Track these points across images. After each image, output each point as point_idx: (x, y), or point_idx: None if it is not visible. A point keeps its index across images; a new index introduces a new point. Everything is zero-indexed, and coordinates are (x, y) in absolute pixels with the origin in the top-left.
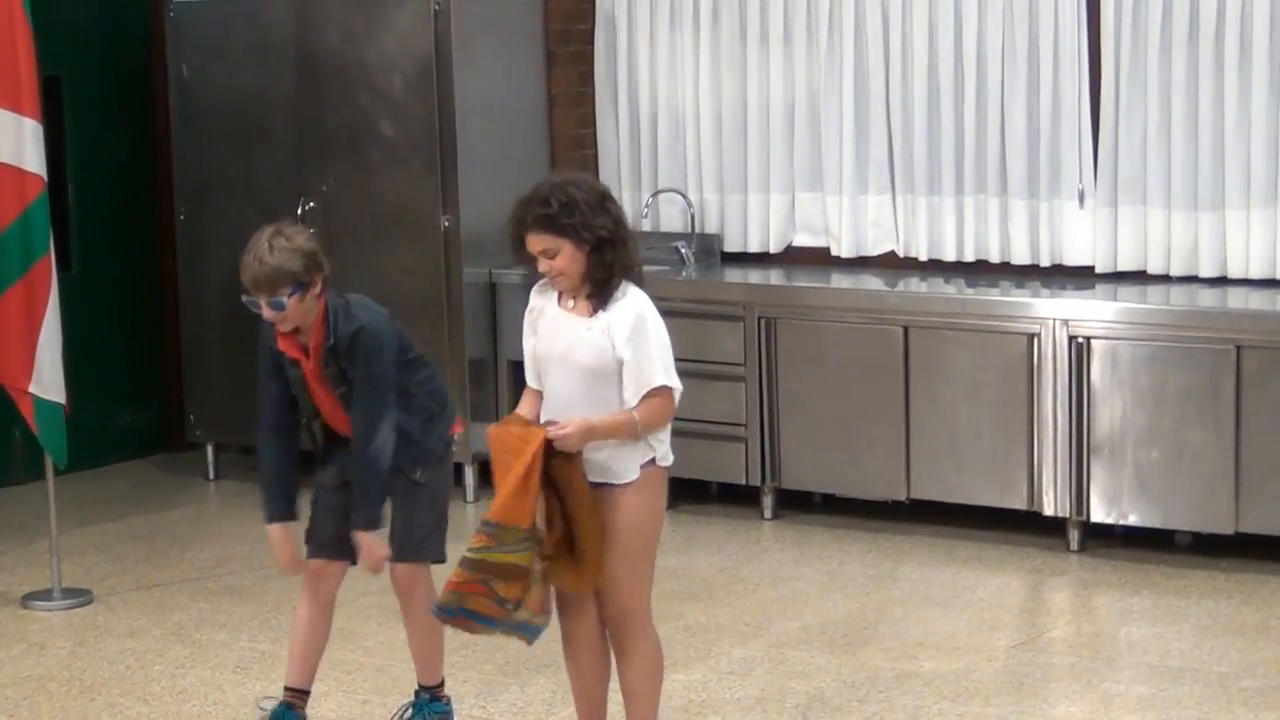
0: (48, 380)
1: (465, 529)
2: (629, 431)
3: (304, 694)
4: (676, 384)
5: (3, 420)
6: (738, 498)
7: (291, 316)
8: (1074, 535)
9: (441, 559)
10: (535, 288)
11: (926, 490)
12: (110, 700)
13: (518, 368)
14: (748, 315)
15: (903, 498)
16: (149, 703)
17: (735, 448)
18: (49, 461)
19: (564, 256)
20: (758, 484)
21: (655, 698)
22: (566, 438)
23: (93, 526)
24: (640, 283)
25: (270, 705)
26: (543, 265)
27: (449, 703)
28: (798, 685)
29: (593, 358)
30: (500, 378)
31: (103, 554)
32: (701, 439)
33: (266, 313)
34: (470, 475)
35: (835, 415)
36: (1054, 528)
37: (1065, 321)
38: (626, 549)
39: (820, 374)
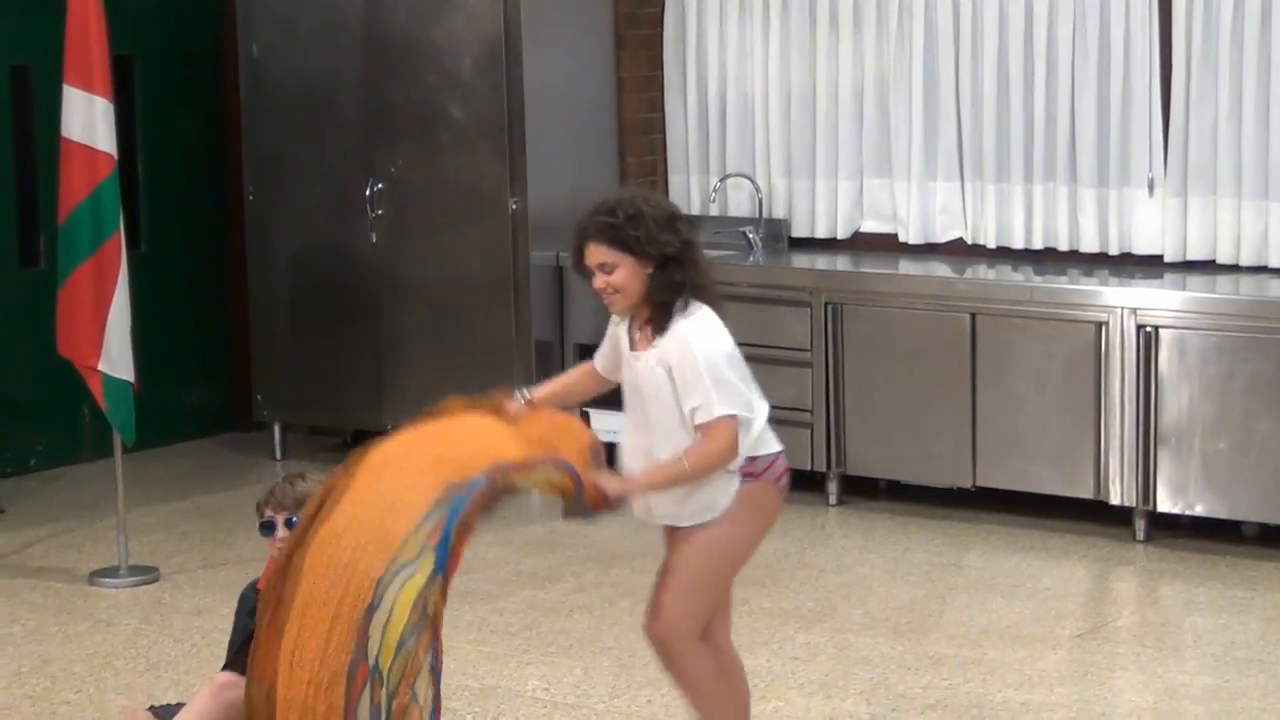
0: (116, 358)
1: (530, 512)
2: (681, 479)
3: None
4: (732, 410)
5: (72, 398)
6: (803, 483)
7: None
8: (1140, 525)
9: None
10: (612, 317)
11: (992, 478)
12: (175, 677)
13: (585, 350)
14: (814, 301)
15: (968, 485)
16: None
17: (801, 433)
18: (117, 439)
19: (623, 271)
20: (823, 470)
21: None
22: (620, 496)
23: (160, 504)
24: (716, 305)
25: None
26: (599, 280)
27: None
28: (861, 671)
29: (652, 391)
30: (567, 360)
31: (169, 532)
32: (767, 424)
33: (280, 531)
34: None
35: (901, 402)
36: (1120, 517)
37: (1133, 310)
38: (678, 578)
39: (887, 360)
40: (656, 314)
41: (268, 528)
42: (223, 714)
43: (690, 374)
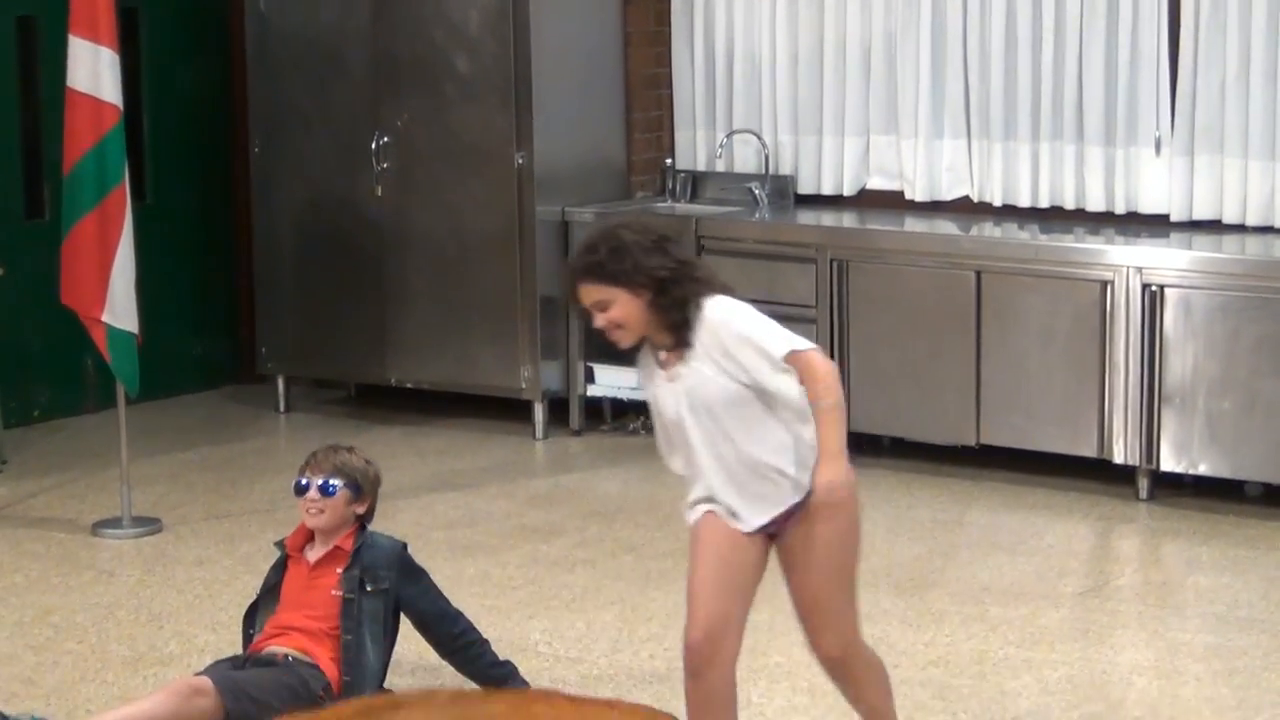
0: (121, 309)
1: (534, 466)
2: (840, 415)
3: None
4: (802, 344)
5: (75, 349)
6: None
7: (330, 511)
8: (1143, 484)
9: None
10: (640, 352)
11: (996, 436)
12: (178, 628)
13: None
14: (820, 257)
15: (972, 443)
16: (216, 631)
17: None
18: (120, 390)
19: (619, 306)
20: None
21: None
22: (838, 491)
23: (163, 456)
24: (727, 290)
25: None
26: (599, 320)
27: None
28: (863, 627)
29: (717, 396)
30: (571, 315)
31: (172, 484)
32: None
33: (313, 493)
34: (540, 413)
35: (906, 359)
36: (1124, 476)
37: (1139, 269)
38: (827, 576)
39: (892, 318)
40: (676, 332)
41: (301, 487)
42: (177, 716)
43: (743, 343)
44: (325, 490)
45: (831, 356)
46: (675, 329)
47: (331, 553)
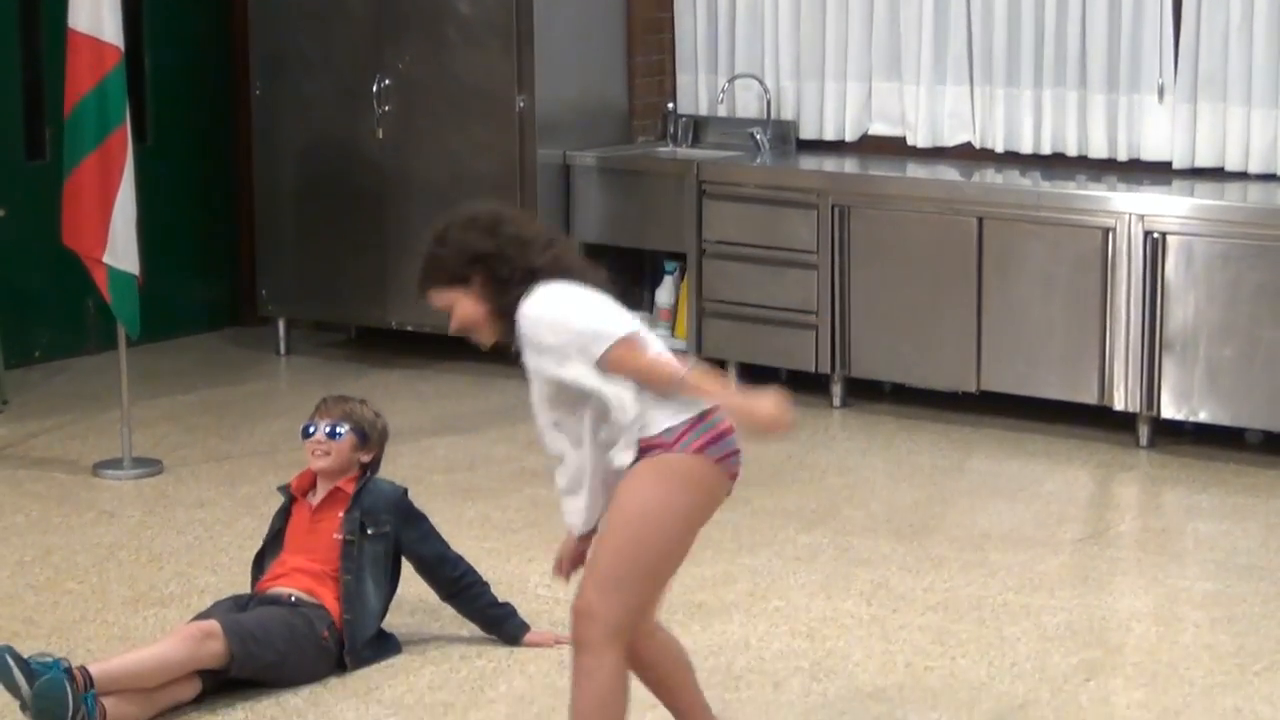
0: (121, 250)
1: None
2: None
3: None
4: (619, 331)
5: (76, 290)
6: (807, 385)
7: (335, 453)
8: (1144, 431)
9: None
10: None
11: (997, 382)
12: (179, 569)
13: (591, 250)
14: (821, 203)
15: (973, 389)
16: (217, 573)
17: (806, 335)
18: (121, 332)
19: (460, 305)
20: (828, 372)
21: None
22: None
23: (163, 398)
24: (580, 279)
25: None
26: (453, 326)
27: None
28: (862, 573)
29: (540, 395)
30: None
31: (173, 425)
32: (772, 326)
33: (319, 435)
34: None
35: (907, 305)
36: (1124, 423)
37: (1141, 217)
38: (612, 538)
39: (893, 263)
40: (508, 320)
41: (307, 430)
42: (190, 660)
43: (557, 336)
44: (331, 434)
45: (832, 302)
46: (504, 315)
47: (333, 495)
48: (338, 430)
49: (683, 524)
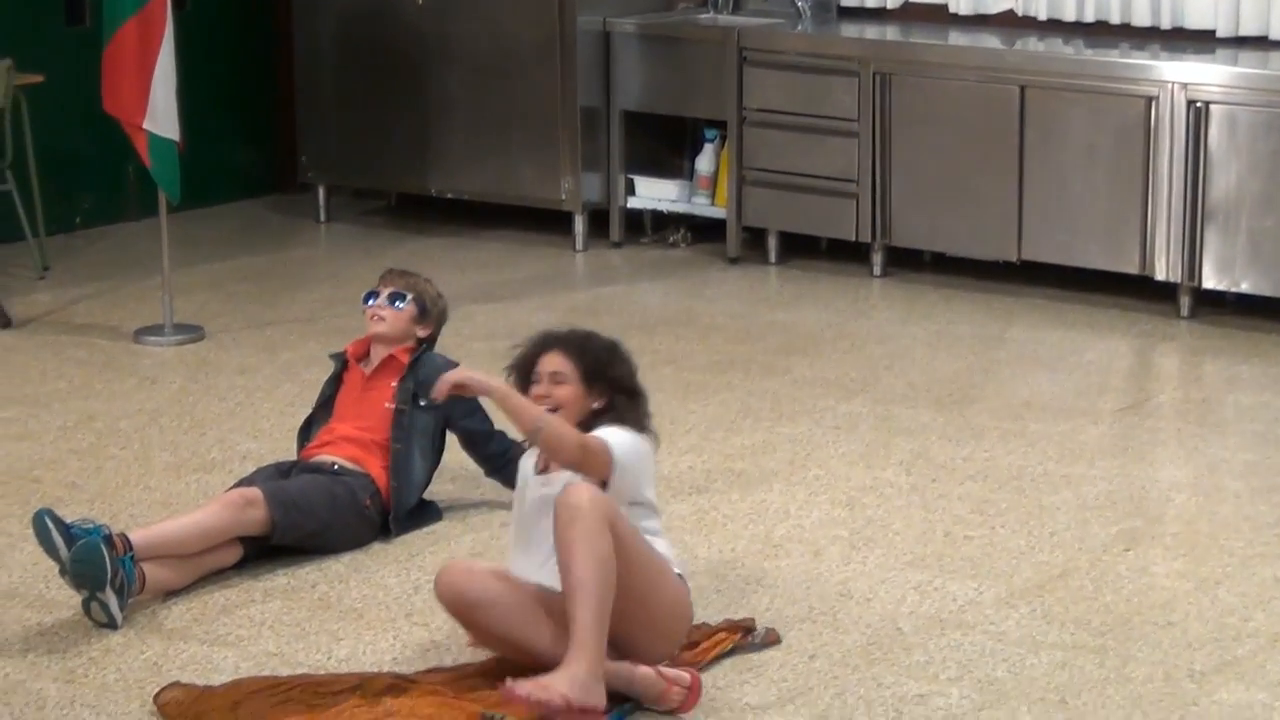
0: (162, 117)
1: (574, 278)
2: (539, 422)
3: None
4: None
5: (117, 157)
6: (847, 254)
7: (393, 320)
8: (1185, 301)
9: None
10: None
11: (1038, 251)
12: (220, 435)
13: (630, 118)
14: (863, 71)
15: (1014, 258)
16: (258, 439)
17: (846, 204)
18: (162, 198)
19: (570, 391)
20: (868, 241)
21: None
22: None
23: (204, 265)
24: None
25: None
26: (543, 385)
27: None
28: (902, 442)
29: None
30: (613, 126)
31: (214, 292)
32: (812, 194)
33: (381, 300)
34: (580, 225)
35: (948, 174)
36: (1165, 293)
37: (1184, 85)
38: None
39: (934, 132)
40: (579, 426)
41: (369, 295)
42: (231, 527)
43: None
44: (393, 300)
45: (873, 171)
46: (582, 426)
47: (387, 363)
48: (400, 298)
49: None
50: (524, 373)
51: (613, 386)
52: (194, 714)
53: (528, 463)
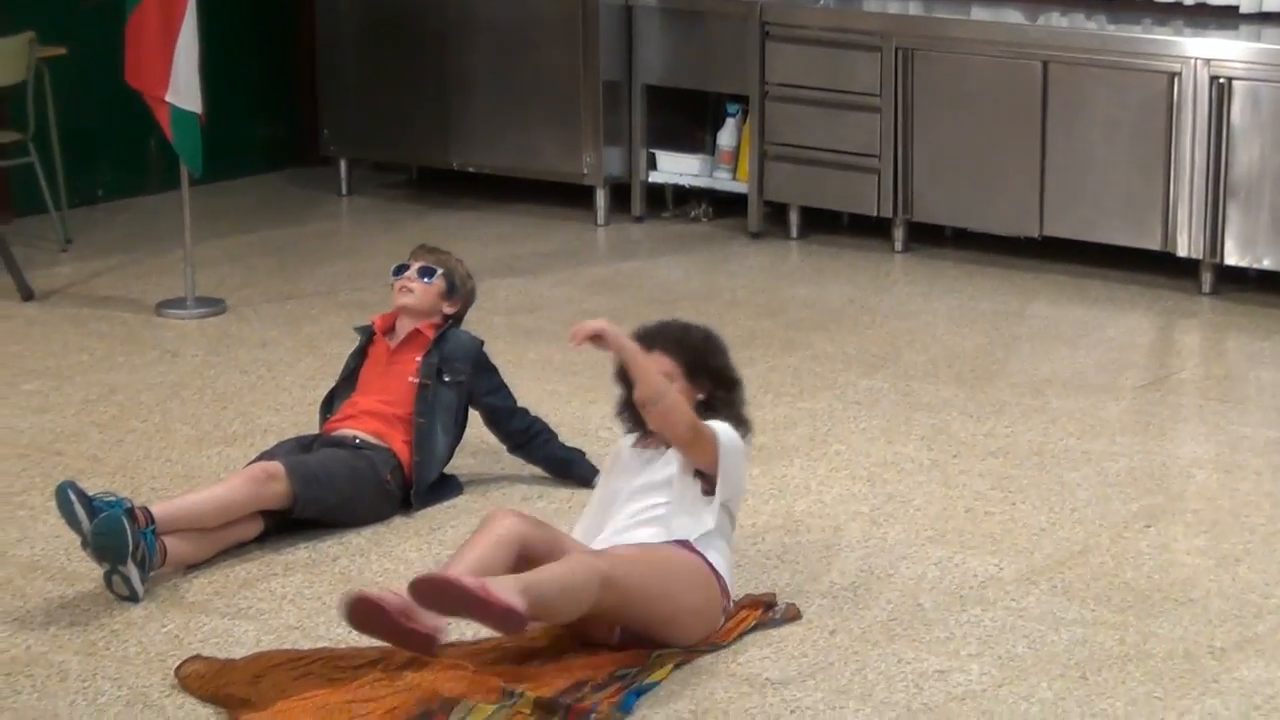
0: (184, 89)
1: (595, 252)
2: (663, 391)
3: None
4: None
5: (139, 130)
6: (869, 229)
7: (421, 293)
8: (1207, 277)
9: None
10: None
11: (1060, 227)
12: (242, 409)
13: (652, 92)
14: (885, 46)
15: (1035, 234)
16: (279, 412)
17: (868, 179)
18: (184, 171)
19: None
20: (890, 216)
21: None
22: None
23: (225, 238)
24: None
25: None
26: (643, 393)
27: None
28: (923, 417)
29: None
30: (635, 101)
31: (235, 265)
32: (834, 169)
33: (411, 273)
34: (601, 199)
35: (970, 149)
36: (1187, 269)
37: (1207, 61)
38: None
39: (956, 107)
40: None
41: (400, 268)
42: (252, 501)
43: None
44: (423, 274)
45: (895, 146)
46: None
47: (412, 337)
48: (430, 272)
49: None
50: (626, 377)
51: (713, 377)
52: (215, 687)
53: (625, 440)
